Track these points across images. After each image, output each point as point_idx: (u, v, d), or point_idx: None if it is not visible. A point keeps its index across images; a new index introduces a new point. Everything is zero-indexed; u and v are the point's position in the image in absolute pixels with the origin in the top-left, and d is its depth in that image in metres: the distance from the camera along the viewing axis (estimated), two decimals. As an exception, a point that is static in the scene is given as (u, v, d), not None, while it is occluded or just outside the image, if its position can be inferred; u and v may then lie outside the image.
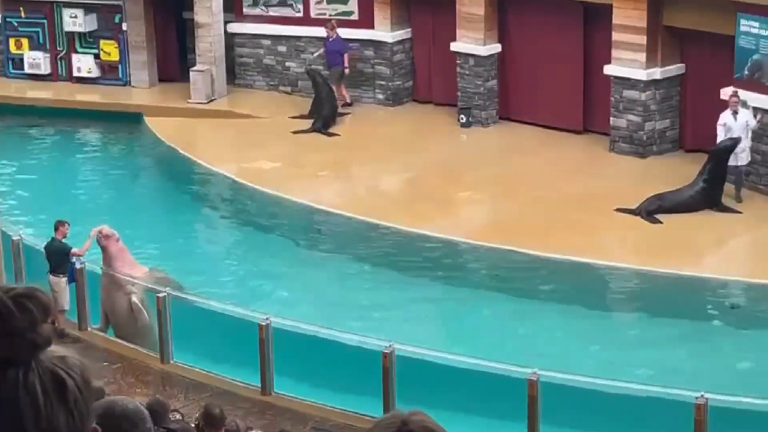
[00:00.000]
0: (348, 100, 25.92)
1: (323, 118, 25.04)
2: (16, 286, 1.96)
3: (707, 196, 20.32)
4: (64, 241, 16.87)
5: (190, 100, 26.60)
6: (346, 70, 25.74)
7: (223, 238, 22.57)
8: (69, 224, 17.04)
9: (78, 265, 16.77)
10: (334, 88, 25.59)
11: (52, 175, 24.70)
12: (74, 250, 16.74)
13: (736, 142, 20.28)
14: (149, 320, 16.47)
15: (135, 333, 16.65)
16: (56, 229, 16.96)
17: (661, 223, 20.11)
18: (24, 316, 1.91)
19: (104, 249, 16.81)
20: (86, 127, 26.90)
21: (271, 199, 22.23)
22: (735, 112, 20.43)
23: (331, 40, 25.77)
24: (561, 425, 13.79)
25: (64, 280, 16.74)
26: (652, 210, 20.34)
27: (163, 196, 24.02)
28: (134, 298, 16.57)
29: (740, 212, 20.15)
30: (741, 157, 20.54)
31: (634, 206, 20.42)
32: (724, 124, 20.42)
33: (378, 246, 20.50)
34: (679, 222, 20.04)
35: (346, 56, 25.72)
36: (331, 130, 24.92)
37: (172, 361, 15.80)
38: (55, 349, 1.98)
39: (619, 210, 20.43)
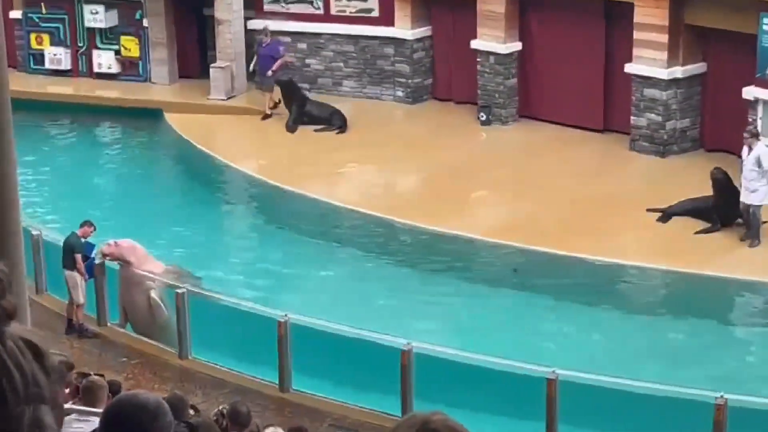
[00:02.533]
0: (268, 111, 25.72)
1: (341, 124, 25.04)
2: None
3: (717, 216, 19.81)
4: (84, 240, 16.90)
5: (209, 97, 26.63)
6: (269, 73, 25.57)
7: (241, 234, 22.59)
8: (95, 229, 17.05)
9: (97, 261, 16.81)
10: (266, 95, 25.53)
11: (72, 170, 24.76)
12: (78, 258, 16.68)
13: (725, 174, 19.70)
14: (167, 316, 16.48)
15: (153, 329, 16.68)
16: (81, 226, 17.01)
17: (665, 222, 19.98)
18: None
19: (117, 260, 16.82)
20: (106, 123, 26.98)
21: (289, 196, 22.24)
22: (749, 147, 19.32)
23: (264, 45, 25.73)
24: (579, 425, 13.75)
25: (75, 274, 16.77)
26: (676, 212, 20.10)
27: (182, 192, 24.06)
28: (153, 294, 16.59)
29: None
30: (751, 196, 18.99)
31: (660, 206, 20.25)
32: (741, 157, 19.74)
33: (396, 244, 20.49)
34: (700, 223, 19.91)
35: (278, 62, 25.62)
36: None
37: (190, 357, 15.82)
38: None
39: (650, 210, 20.24)
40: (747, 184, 19.15)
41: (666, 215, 20.19)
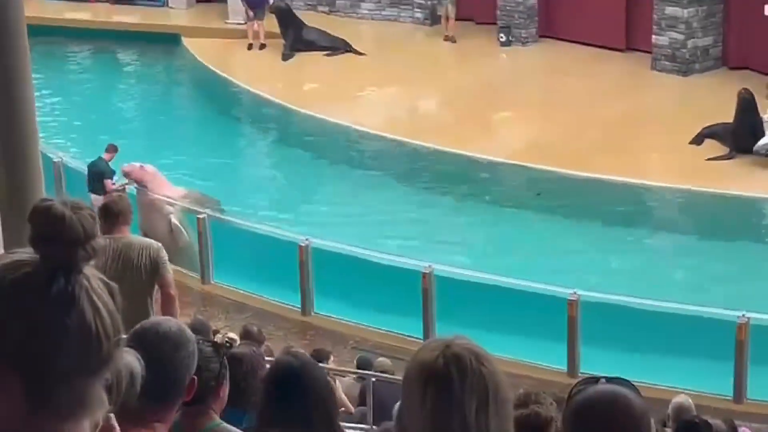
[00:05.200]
0: (262, 40, 25.52)
1: (345, 48, 24.91)
2: (67, 198, 2.00)
3: (733, 141, 19.59)
4: (110, 163, 17.03)
5: (227, 21, 26.48)
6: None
7: (262, 158, 22.58)
8: (118, 151, 17.24)
9: (117, 186, 16.82)
10: (257, 24, 25.27)
11: (90, 96, 24.74)
12: (108, 182, 16.81)
13: (751, 96, 19.49)
14: (188, 240, 16.50)
15: (175, 253, 16.69)
16: (107, 150, 17.14)
17: (699, 144, 19.85)
18: (91, 227, 1.96)
19: (136, 182, 16.83)
20: (124, 49, 26.89)
21: (309, 120, 22.17)
22: None
23: None
24: (600, 345, 13.77)
25: (101, 199, 16.82)
26: (707, 134, 19.89)
27: (202, 117, 24.02)
28: (173, 219, 16.60)
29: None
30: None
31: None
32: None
33: (418, 167, 20.44)
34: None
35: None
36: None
37: (212, 282, 15.86)
38: None
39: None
40: None
41: (700, 136, 19.94)
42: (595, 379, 2.79)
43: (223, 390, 4.15)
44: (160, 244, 8.61)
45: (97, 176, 16.87)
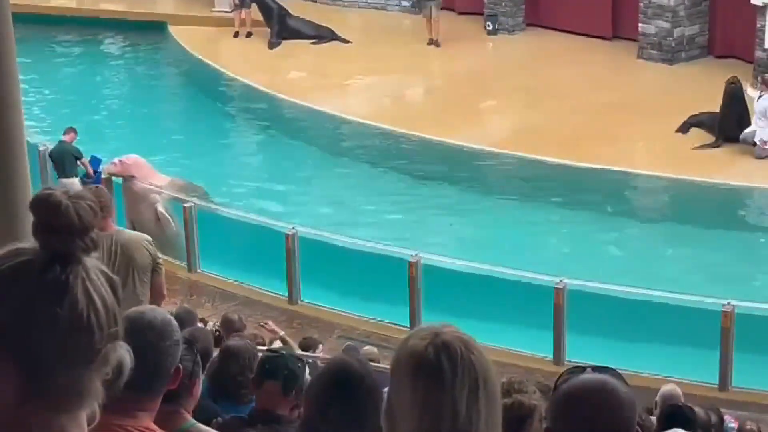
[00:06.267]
0: (249, 28, 25.52)
1: (331, 36, 24.89)
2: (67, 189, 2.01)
3: (720, 130, 19.64)
4: (92, 156, 17.05)
5: (214, 9, 26.42)
6: None
7: (249, 147, 22.53)
8: (77, 132, 17.33)
9: (104, 175, 16.78)
10: (243, 12, 25.21)
11: (76, 85, 24.66)
12: (84, 161, 16.85)
13: (739, 85, 19.47)
14: (176, 229, 16.46)
15: (162, 242, 16.64)
16: (66, 133, 17.19)
17: (685, 133, 19.88)
18: (88, 217, 1.96)
19: (122, 176, 16.77)
20: (110, 37, 26.80)
21: (297, 109, 22.14)
22: (760, 93, 19.25)
23: None
24: (587, 333, 13.80)
25: (76, 180, 16.80)
26: (693, 123, 19.92)
27: (188, 105, 23.97)
28: (159, 207, 16.55)
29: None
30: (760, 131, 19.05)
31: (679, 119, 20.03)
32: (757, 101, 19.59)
33: (404, 155, 20.43)
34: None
35: None
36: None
37: (199, 271, 15.85)
38: None
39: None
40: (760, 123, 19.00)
41: (686, 125, 19.97)
42: (582, 368, 2.80)
43: (196, 388, 4.10)
44: (150, 238, 8.59)
45: (69, 159, 16.89)
